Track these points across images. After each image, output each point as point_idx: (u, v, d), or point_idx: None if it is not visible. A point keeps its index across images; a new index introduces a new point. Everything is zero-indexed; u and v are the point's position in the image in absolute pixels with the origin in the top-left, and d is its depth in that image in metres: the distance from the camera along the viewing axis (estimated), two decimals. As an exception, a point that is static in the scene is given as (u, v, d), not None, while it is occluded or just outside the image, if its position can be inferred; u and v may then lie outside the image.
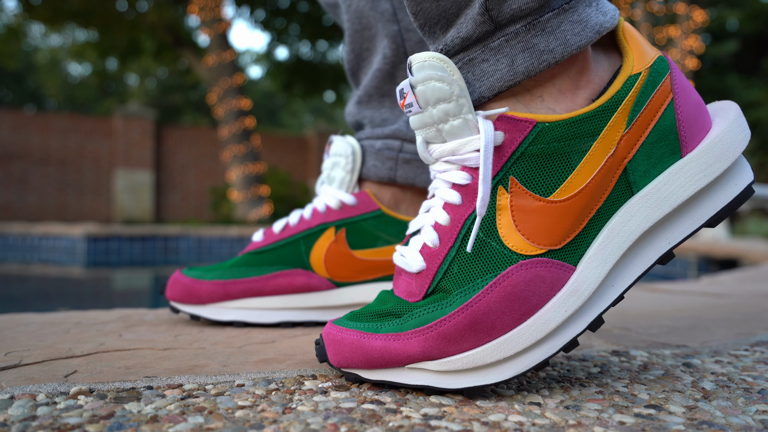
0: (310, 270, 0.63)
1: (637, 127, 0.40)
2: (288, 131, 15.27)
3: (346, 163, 0.65)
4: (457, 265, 0.40)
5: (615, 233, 0.40)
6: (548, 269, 0.39)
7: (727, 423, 0.35)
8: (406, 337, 0.39)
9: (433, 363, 0.39)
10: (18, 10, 7.89)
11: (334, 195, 0.65)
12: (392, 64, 0.67)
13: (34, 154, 7.29)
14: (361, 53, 0.69)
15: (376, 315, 0.42)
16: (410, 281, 0.42)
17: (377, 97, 0.68)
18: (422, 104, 0.40)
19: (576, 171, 0.39)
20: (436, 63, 0.40)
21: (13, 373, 0.43)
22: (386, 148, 0.66)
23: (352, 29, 0.68)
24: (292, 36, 8.74)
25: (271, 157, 8.18)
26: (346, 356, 0.41)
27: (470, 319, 0.38)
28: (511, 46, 0.40)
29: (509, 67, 0.40)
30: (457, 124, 0.40)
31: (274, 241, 0.64)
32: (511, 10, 0.40)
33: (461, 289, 0.39)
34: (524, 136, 0.39)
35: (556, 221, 0.39)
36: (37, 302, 2.02)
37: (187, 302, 0.63)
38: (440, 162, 0.42)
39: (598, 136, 0.39)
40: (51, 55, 15.35)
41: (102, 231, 4.05)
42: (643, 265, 0.41)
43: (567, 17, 0.40)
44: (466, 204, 0.40)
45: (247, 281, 0.62)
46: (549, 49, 0.40)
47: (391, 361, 0.39)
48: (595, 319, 0.40)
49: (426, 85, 0.40)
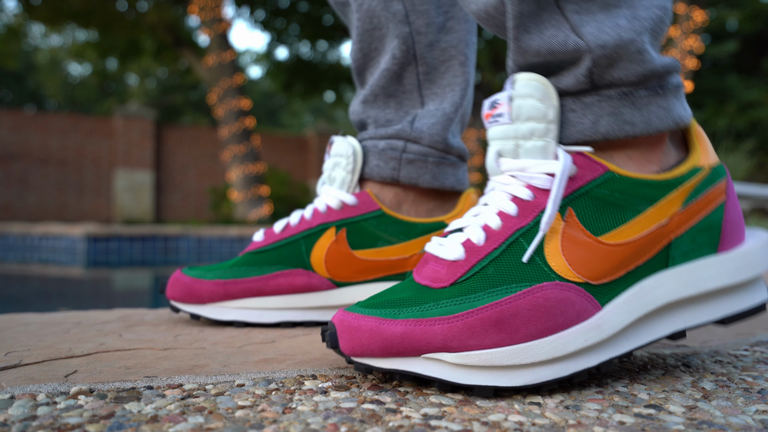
0: (311, 270, 0.63)
1: (691, 211, 0.44)
2: (288, 131, 15.28)
3: (347, 163, 0.65)
4: (494, 267, 0.42)
5: (645, 293, 0.43)
6: (579, 298, 0.41)
7: (726, 423, 0.35)
8: (429, 323, 0.39)
9: (450, 355, 0.39)
10: (18, 10, 7.89)
11: (334, 195, 0.65)
12: (401, 64, 0.67)
13: (34, 154, 7.29)
14: (370, 52, 0.69)
15: (393, 303, 0.42)
16: (439, 268, 0.43)
17: (383, 97, 0.68)
18: (513, 117, 0.43)
19: (627, 224, 0.43)
20: (540, 85, 0.43)
21: (13, 373, 0.43)
22: (390, 148, 0.66)
23: (362, 28, 0.68)
24: (292, 36, 8.73)
25: (271, 157, 8.18)
26: (361, 342, 0.40)
27: (497, 317, 0.39)
28: (601, 107, 0.44)
29: (593, 124, 0.44)
30: (539, 145, 0.43)
31: (275, 241, 0.64)
32: (611, 78, 0.44)
33: (493, 290, 0.41)
34: (593, 177, 0.43)
35: (599, 260, 0.42)
36: (37, 302, 2.03)
37: (188, 302, 0.63)
38: (506, 175, 0.45)
39: (655, 203, 0.43)
40: (51, 55, 15.35)
41: (102, 231, 4.05)
42: (657, 333, 0.44)
43: (656, 100, 0.44)
44: (521, 217, 0.43)
45: (247, 281, 0.62)
46: (632, 122, 0.44)
47: (410, 348, 0.39)
48: (606, 360, 0.42)
49: (524, 101, 0.43)
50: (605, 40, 0.43)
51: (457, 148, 0.68)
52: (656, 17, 0.44)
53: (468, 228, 0.44)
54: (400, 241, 0.64)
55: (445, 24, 0.67)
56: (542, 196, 0.43)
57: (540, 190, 0.43)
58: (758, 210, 4.64)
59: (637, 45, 0.43)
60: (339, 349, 0.42)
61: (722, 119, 8.55)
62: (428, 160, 0.66)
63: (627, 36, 0.43)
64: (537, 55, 0.45)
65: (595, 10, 0.43)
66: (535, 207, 0.43)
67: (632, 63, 0.43)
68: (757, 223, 3.79)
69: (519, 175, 0.44)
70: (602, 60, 0.43)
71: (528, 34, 0.44)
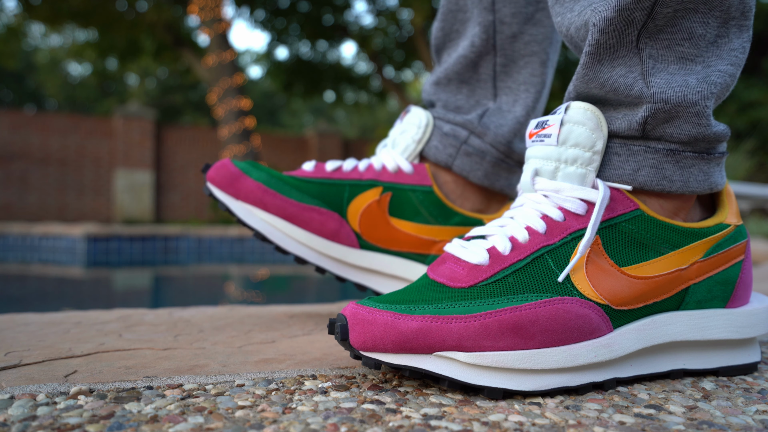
0: (345, 219, 0.63)
1: (711, 263, 0.46)
2: (288, 131, 15.27)
3: (417, 132, 0.65)
4: (515, 277, 0.42)
5: (656, 325, 0.44)
6: (597, 317, 0.42)
7: (726, 423, 0.35)
8: (446, 321, 0.39)
9: (463, 354, 0.39)
10: (18, 10, 7.89)
11: (394, 158, 0.65)
12: (479, 53, 0.66)
13: (34, 154, 7.29)
14: (450, 33, 0.69)
15: (409, 299, 0.42)
16: (458, 269, 0.43)
17: (456, 82, 0.68)
18: (560, 141, 0.45)
19: (648, 263, 0.44)
20: (594, 116, 0.44)
21: (13, 373, 0.43)
22: (453, 134, 0.65)
23: (447, 7, 0.68)
24: (292, 36, 8.73)
25: (271, 157, 8.18)
26: (374, 336, 0.40)
27: (516, 322, 0.40)
28: (645, 157, 0.45)
29: (633, 172, 0.45)
30: (579, 172, 0.44)
31: (324, 176, 0.64)
32: (663, 132, 0.44)
33: (513, 296, 0.41)
34: (624, 212, 0.44)
35: (620, 288, 0.43)
36: (37, 302, 2.02)
37: (225, 190, 0.62)
38: (539, 194, 0.46)
39: (677, 249, 0.45)
40: (51, 55, 15.35)
41: (102, 231, 4.05)
42: (658, 367, 0.45)
43: (699, 165, 0.45)
44: (548, 235, 0.44)
45: (285, 200, 0.62)
46: (670, 179, 0.45)
47: (425, 345, 0.39)
48: (609, 380, 0.42)
49: (575, 127, 0.44)
50: (670, 96, 0.43)
51: (520, 154, 0.67)
52: (725, 84, 0.45)
53: (493, 237, 0.45)
54: (437, 223, 0.63)
55: (534, 15, 0.66)
56: (572, 219, 0.44)
57: (571, 214, 0.44)
58: (758, 210, 4.64)
59: (698, 108, 0.44)
60: (348, 342, 0.41)
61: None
62: (485, 157, 0.65)
63: (692, 98, 0.43)
64: (600, 88, 0.45)
65: (671, 60, 0.44)
66: (565, 228, 0.44)
67: (688, 124, 0.44)
68: (757, 223, 3.79)
69: (552, 195, 0.45)
70: (660, 114, 0.44)
71: (599, 65, 0.45)
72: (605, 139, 0.44)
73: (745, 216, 4.50)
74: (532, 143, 0.47)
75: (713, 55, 0.44)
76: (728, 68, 0.45)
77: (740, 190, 3.64)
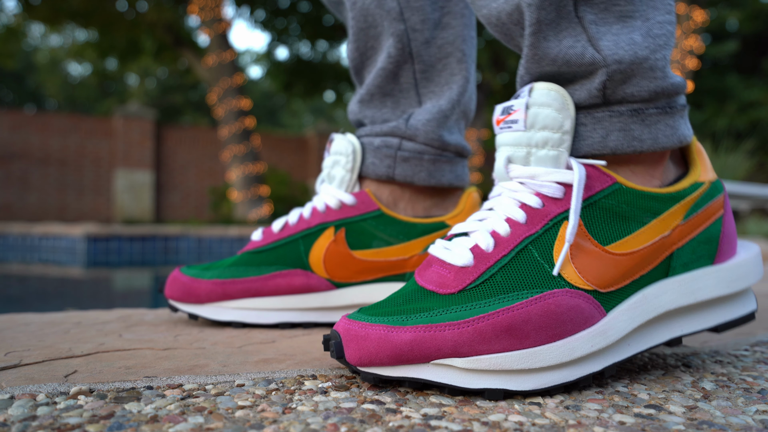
0: (310, 270, 0.63)
1: (691, 224, 0.46)
2: (288, 131, 15.28)
3: (347, 161, 0.65)
4: (502, 275, 0.42)
5: (647, 300, 0.44)
6: (588, 304, 0.42)
7: (727, 423, 0.35)
8: (439, 329, 0.39)
9: (460, 360, 0.39)
10: (18, 10, 7.88)
11: (333, 194, 0.64)
12: (396, 63, 0.66)
13: (34, 154, 7.29)
14: (366, 51, 0.69)
15: (400, 311, 0.41)
16: (446, 273, 0.43)
17: (379, 96, 0.68)
18: (528, 125, 0.44)
19: (632, 236, 0.44)
20: (559, 96, 0.44)
21: (13, 373, 0.43)
22: (385, 145, 0.65)
23: (357, 27, 0.68)
24: (292, 36, 8.73)
25: (271, 157, 8.18)
26: (369, 352, 0.40)
27: (509, 323, 0.39)
28: (611, 122, 0.44)
29: (602, 139, 0.44)
30: (552, 154, 0.44)
31: (273, 240, 0.64)
32: (624, 94, 0.44)
33: (503, 296, 0.41)
34: (602, 188, 0.43)
35: (606, 269, 0.43)
36: (37, 302, 2.02)
37: (186, 301, 0.62)
38: (515, 181, 0.45)
39: (659, 216, 0.45)
40: (51, 55, 15.34)
41: (102, 231, 4.05)
42: (656, 340, 0.45)
43: (665, 119, 0.45)
44: (529, 225, 0.43)
45: (245, 281, 0.62)
46: (640, 139, 0.44)
47: (420, 355, 0.39)
48: (609, 366, 0.42)
49: (541, 110, 0.44)
50: (621, 55, 0.43)
51: (455, 145, 0.67)
52: (668, 34, 0.45)
53: (475, 233, 0.44)
54: (399, 241, 0.63)
55: (441, 20, 0.66)
56: (551, 204, 0.43)
57: (549, 199, 0.43)
58: (758, 210, 4.63)
59: (650, 62, 0.44)
60: (344, 360, 0.41)
61: (722, 119, 8.55)
62: (424, 157, 0.65)
63: (642, 53, 0.43)
64: (552, 64, 0.45)
65: (611, 21, 0.44)
66: (545, 215, 0.43)
67: (645, 80, 0.44)
68: (757, 223, 3.79)
69: (528, 182, 0.44)
70: (617, 75, 0.43)
71: (546, 41, 0.44)
72: (573, 118, 0.44)
73: (745, 216, 4.50)
74: (500, 130, 0.46)
75: (648, 7, 0.45)
76: (666, 17, 0.45)
77: (740, 190, 3.64)
